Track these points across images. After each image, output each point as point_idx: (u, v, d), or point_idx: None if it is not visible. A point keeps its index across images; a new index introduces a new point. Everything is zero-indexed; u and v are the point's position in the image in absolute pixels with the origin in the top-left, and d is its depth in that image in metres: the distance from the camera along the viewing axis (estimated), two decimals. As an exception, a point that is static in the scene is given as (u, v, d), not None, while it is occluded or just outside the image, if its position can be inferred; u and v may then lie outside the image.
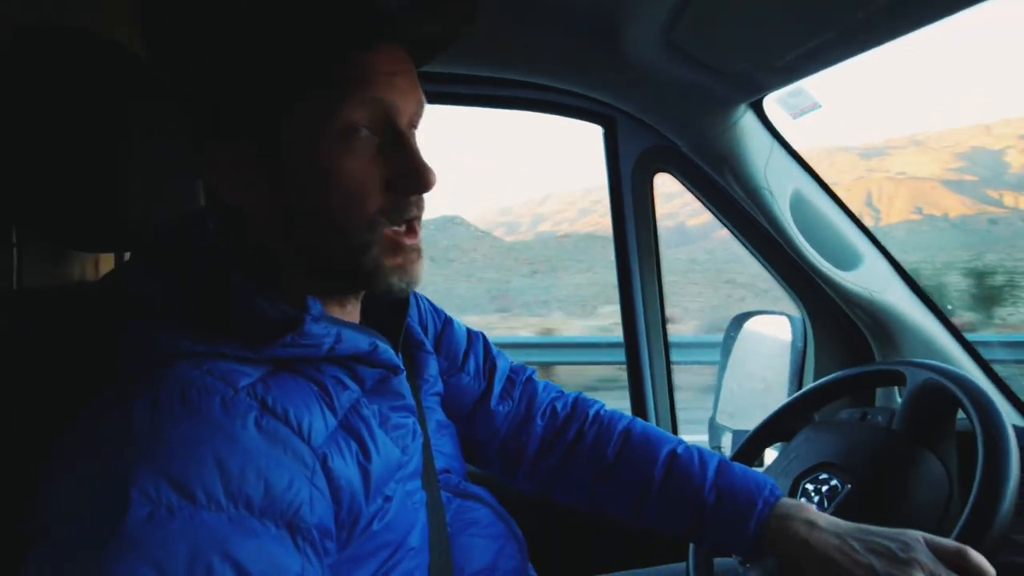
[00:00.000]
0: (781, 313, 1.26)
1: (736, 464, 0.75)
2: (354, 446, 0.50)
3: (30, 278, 0.63)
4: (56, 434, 0.44)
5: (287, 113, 0.50)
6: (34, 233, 0.64)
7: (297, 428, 0.46)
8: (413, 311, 0.76)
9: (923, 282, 1.07)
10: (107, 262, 0.75)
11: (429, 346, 0.73)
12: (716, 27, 0.82)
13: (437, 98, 1.15)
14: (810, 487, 0.78)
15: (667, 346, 1.28)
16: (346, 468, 0.49)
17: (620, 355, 1.31)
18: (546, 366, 5.08)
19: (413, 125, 0.55)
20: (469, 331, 0.82)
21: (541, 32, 0.90)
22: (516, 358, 0.85)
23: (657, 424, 1.24)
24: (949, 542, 0.61)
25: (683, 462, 0.74)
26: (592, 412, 0.81)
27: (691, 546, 0.85)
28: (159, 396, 0.42)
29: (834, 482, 0.76)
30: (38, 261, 0.65)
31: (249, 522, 0.41)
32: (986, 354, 1.08)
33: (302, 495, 0.44)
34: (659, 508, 0.74)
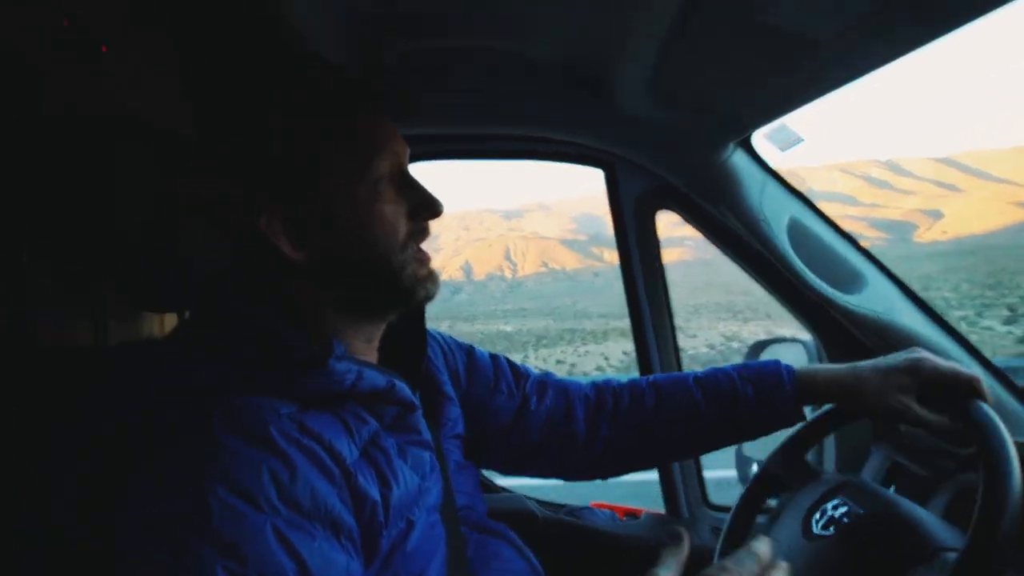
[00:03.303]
0: (795, 340, 1.27)
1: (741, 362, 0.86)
2: (375, 474, 0.56)
3: (111, 336, 0.79)
4: (127, 458, 0.51)
5: (330, 175, 0.59)
6: (113, 297, 0.78)
7: (329, 448, 0.52)
8: (437, 352, 0.81)
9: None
10: (171, 321, 0.90)
11: (450, 390, 0.77)
12: (698, 74, 0.89)
13: (448, 155, 1.24)
14: (819, 516, 0.77)
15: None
16: (370, 489, 0.54)
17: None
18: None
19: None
20: (491, 354, 0.88)
21: (537, 92, 0.98)
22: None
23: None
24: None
25: (706, 378, 0.85)
26: (614, 382, 0.89)
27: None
28: (221, 422, 0.49)
29: (845, 508, 0.75)
30: (117, 321, 0.80)
31: (303, 523, 0.48)
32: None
33: (337, 505, 0.51)
34: (712, 423, 0.83)
